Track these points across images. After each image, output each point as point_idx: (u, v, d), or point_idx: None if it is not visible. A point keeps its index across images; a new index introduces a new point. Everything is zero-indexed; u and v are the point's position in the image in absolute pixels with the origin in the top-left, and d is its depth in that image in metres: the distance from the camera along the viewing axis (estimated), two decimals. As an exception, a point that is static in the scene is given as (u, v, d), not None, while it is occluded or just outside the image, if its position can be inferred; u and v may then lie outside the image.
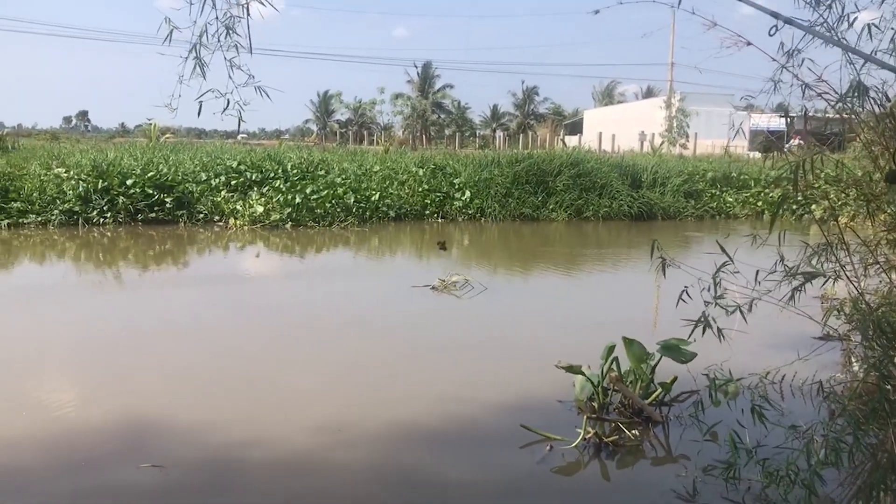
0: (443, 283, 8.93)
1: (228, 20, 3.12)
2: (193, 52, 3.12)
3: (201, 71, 3.14)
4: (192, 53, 3.12)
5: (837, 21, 3.80)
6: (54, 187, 14.44)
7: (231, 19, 3.12)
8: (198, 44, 3.11)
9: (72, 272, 10.38)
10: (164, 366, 5.81)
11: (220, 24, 3.12)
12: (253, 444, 4.28)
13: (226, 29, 3.13)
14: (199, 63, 3.14)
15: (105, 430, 4.46)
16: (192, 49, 3.12)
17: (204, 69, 3.14)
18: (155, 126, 26.86)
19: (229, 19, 3.12)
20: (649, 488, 4.02)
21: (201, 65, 3.14)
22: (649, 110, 46.36)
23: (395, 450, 4.32)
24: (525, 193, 17.58)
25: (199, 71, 3.15)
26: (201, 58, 3.12)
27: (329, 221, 15.30)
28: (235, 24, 3.13)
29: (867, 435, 3.14)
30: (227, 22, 3.12)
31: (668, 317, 7.55)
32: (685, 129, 38.97)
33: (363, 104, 73.08)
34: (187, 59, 3.13)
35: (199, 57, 3.12)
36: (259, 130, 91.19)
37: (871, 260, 4.19)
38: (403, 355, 6.32)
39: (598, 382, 4.81)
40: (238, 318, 7.61)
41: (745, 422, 3.75)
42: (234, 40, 3.15)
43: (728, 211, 19.59)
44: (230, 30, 3.14)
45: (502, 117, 77.22)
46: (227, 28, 3.13)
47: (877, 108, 3.97)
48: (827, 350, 5.70)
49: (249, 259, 12.12)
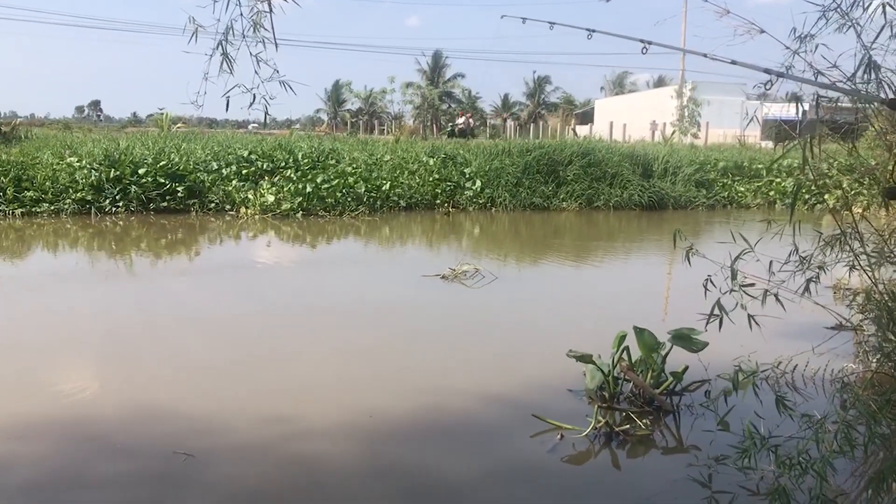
0: (453, 272, 8.93)
1: (255, 15, 3.14)
2: (219, 49, 3.14)
3: (229, 67, 3.17)
4: (218, 49, 3.13)
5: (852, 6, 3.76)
6: (67, 176, 14.51)
7: (257, 14, 3.14)
8: (224, 41, 3.13)
9: (84, 261, 10.45)
10: (175, 353, 5.85)
11: (246, 20, 3.14)
12: (266, 433, 4.31)
13: (252, 24, 3.15)
14: (225, 59, 3.15)
15: (118, 416, 4.49)
16: (218, 45, 3.14)
17: (231, 66, 3.16)
18: (167, 116, 26.90)
19: (255, 14, 3.14)
20: (660, 477, 4.02)
21: (229, 61, 3.16)
22: (660, 99, 46.07)
23: (405, 438, 4.34)
24: (536, 183, 17.53)
25: (225, 67, 3.17)
26: (228, 54, 3.14)
27: (340, 211, 15.31)
28: (262, 19, 3.15)
29: (880, 425, 3.13)
30: (254, 17, 3.14)
31: (679, 306, 7.54)
32: (697, 118, 38.72)
33: (374, 93, 72.98)
34: (213, 55, 3.15)
35: (226, 53, 3.14)
36: (270, 120, 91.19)
37: (885, 250, 4.16)
38: (414, 344, 6.34)
39: (609, 372, 4.80)
40: (249, 307, 7.64)
41: (759, 411, 3.75)
42: (260, 35, 3.17)
43: (740, 200, 19.49)
44: (257, 25, 3.16)
45: (513, 106, 76.97)
46: (254, 24, 3.15)
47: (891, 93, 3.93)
48: (840, 340, 5.69)
49: (260, 248, 12.16)
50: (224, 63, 3.17)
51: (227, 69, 3.18)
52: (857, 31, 3.70)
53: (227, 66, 3.18)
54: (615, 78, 75.70)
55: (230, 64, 3.17)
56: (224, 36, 3.14)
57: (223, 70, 3.17)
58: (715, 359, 4.97)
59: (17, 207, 13.77)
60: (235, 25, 3.14)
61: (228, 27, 3.13)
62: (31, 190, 14.14)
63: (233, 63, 3.17)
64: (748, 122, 5.15)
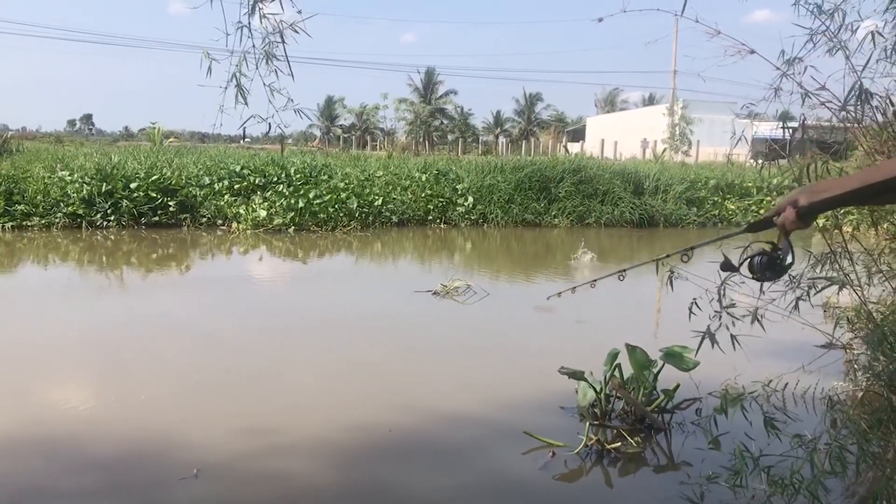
0: (445, 288, 8.93)
1: (267, 46, 3.19)
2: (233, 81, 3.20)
3: (243, 99, 3.23)
4: (232, 81, 3.19)
5: (839, 29, 3.81)
6: (58, 190, 14.47)
7: (270, 45, 3.20)
8: (238, 73, 3.19)
9: (75, 275, 10.40)
10: (163, 367, 5.82)
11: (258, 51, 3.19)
12: (249, 448, 4.29)
13: (266, 55, 3.21)
14: (239, 90, 3.21)
15: (111, 431, 4.46)
16: (232, 78, 3.19)
17: (245, 97, 3.22)
18: (159, 130, 26.96)
19: (268, 45, 3.19)
20: (652, 495, 4.01)
21: (242, 93, 3.22)
22: (652, 118, 46.40)
23: (395, 454, 4.32)
24: (528, 199, 17.60)
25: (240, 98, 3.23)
26: (241, 86, 3.20)
27: (332, 226, 15.32)
28: (274, 49, 3.21)
29: (871, 444, 3.13)
30: (266, 48, 3.20)
31: (670, 324, 7.55)
32: (687, 136, 38.98)
33: (367, 109, 73.21)
34: (227, 87, 3.20)
35: (240, 85, 3.20)
36: (262, 135, 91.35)
37: (874, 269, 4.19)
38: (405, 360, 6.33)
39: (601, 389, 4.81)
40: (239, 322, 7.62)
41: (749, 430, 3.75)
42: (273, 66, 3.23)
43: (730, 219, 19.59)
44: (270, 56, 3.21)
45: (505, 123, 77.32)
46: (267, 55, 3.21)
47: (879, 115, 3.97)
48: (830, 359, 5.71)
49: (252, 263, 12.13)
50: (238, 95, 3.23)
51: (243, 100, 3.24)
52: (846, 53, 3.75)
53: (242, 98, 3.24)
54: (606, 96, 76.26)
55: (244, 96, 3.23)
56: (237, 69, 3.19)
57: (239, 102, 3.24)
58: (706, 377, 4.97)
59: (8, 221, 13.73)
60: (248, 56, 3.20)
61: (241, 59, 3.19)
62: (22, 203, 14.11)
63: (247, 94, 3.23)
64: (736, 142, 5.18)
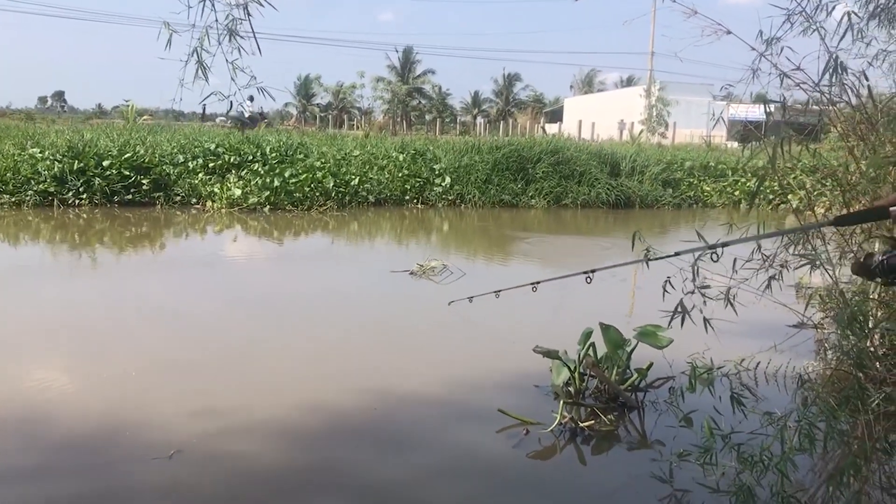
0: (421, 268, 8.92)
1: (231, 23, 3.08)
2: (195, 56, 3.08)
3: (204, 76, 3.12)
4: (193, 56, 3.08)
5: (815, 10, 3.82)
6: (29, 168, 14.20)
7: (233, 22, 3.09)
8: (199, 48, 3.08)
9: (47, 253, 10.25)
10: (140, 348, 5.76)
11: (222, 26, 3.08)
12: (228, 427, 4.26)
13: (228, 32, 3.10)
14: (201, 67, 3.11)
15: (85, 411, 4.41)
16: (193, 52, 3.08)
17: (207, 74, 3.12)
18: (132, 107, 26.50)
19: (231, 22, 3.08)
20: (624, 472, 4.05)
21: (204, 70, 3.11)
22: (629, 99, 46.52)
23: (369, 433, 4.32)
24: (505, 180, 17.59)
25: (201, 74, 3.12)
26: (203, 62, 3.09)
27: (308, 205, 15.21)
28: (238, 25, 3.10)
29: (839, 422, 3.18)
30: (230, 24, 3.09)
31: (645, 304, 7.60)
32: (664, 118, 39.17)
33: (343, 88, 72.63)
34: (188, 62, 3.09)
35: (202, 61, 3.09)
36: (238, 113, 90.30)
37: (846, 248, 4.24)
38: (380, 340, 6.32)
39: (575, 368, 4.83)
40: (212, 302, 7.56)
41: (721, 408, 3.79)
42: (236, 43, 3.12)
43: (705, 200, 19.75)
44: (233, 33, 3.10)
45: (483, 104, 77.16)
46: (230, 31, 3.10)
47: (853, 98, 4.00)
48: (802, 338, 5.79)
49: (227, 242, 12.03)
50: (199, 70, 3.13)
51: (203, 76, 3.14)
52: (822, 34, 3.76)
53: (203, 74, 3.14)
54: (584, 77, 76.30)
55: (205, 72, 3.13)
56: (199, 43, 3.08)
57: (199, 77, 3.13)
58: (680, 356, 5.02)
59: (-24, 198, 13.48)
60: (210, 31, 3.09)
61: (203, 34, 3.08)
62: (-8, 181, 13.85)
63: (208, 70, 3.13)
64: (714, 123, 5.22)
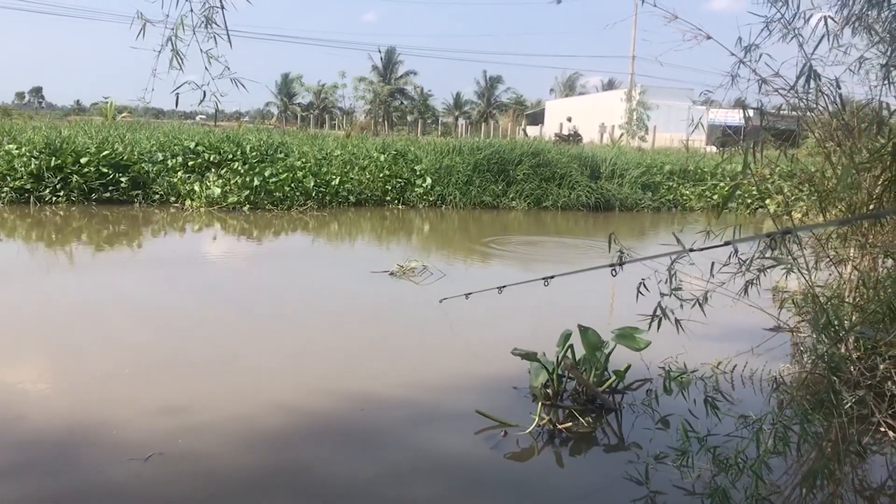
0: (401, 268, 8.91)
1: (207, 11, 3.07)
2: (169, 45, 3.06)
3: (179, 64, 3.09)
4: (167, 45, 3.06)
5: (794, 17, 3.86)
6: (5, 164, 14.04)
7: (209, 10, 3.07)
8: (173, 36, 3.05)
9: (23, 251, 10.12)
10: (117, 347, 5.70)
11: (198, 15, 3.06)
12: (209, 425, 4.23)
13: (204, 20, 3.08)
14: (175, 55, 3.08)
15: (60, 410, 4.36)
16: (168, 41, 3.06)
17: (182, 62, 3.09)
18: (112, 104, 26.31)
19: (208, 10, 3.06)
20: (601, 474, 4.07)
21: (179, 58, 3.08)
22: (610, 102, 46.79)
23: (347, 435, 4.31)
24: (486, 182, 17.62)
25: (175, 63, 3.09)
26: (178, 51, 3.06)
27: (288, 205, 15.15)
28: (213, 14, 3.08)
29: (813, 425, 3.21)
30: (205, 13, 3.07)
31: (623, 306, 7.64)
32: (645, 121, 39.38)
33: (325, 88, 72.38)
34: (161, 51, 3.07)
35: (176, 49, 3.07)
36: (218, 112, 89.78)
37: (822, 253, 4.29)
38: (359, 340, 6.30)
39: (554, 369, 4.84)
40: (192, 302, 7.50)
41: (697, 411, 3.82)
42: (211, 31, 3.10)
43: (684, 203, 19.90)
44: (209, 21, 3.08)
45: (465, 105, 77.22)
46: (206, 19, 3.08)
47: (830, 104, 4.05)
48: (778, 341, 5.84)
49: (205, 241, 11.94)
50: (174, 59, 3.10)
51: (178, 66, 3.11)
52: (800, 41, 3.80)
53: (178, 63, 3.11)
54: (566, 80, 76.59)
55: (180, 61, 3.10)
56: (174, 32, 3.06)
57: (173, 66, 3.10)
58: (657, 358, 5.05)
59: (-50, 194, 13.29)
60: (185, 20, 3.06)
61: (178, 23, 3.06)
62: (-34, 177, 13.66)
63: (183, 59, 3.10)
64: (693, 128, 5.22)
